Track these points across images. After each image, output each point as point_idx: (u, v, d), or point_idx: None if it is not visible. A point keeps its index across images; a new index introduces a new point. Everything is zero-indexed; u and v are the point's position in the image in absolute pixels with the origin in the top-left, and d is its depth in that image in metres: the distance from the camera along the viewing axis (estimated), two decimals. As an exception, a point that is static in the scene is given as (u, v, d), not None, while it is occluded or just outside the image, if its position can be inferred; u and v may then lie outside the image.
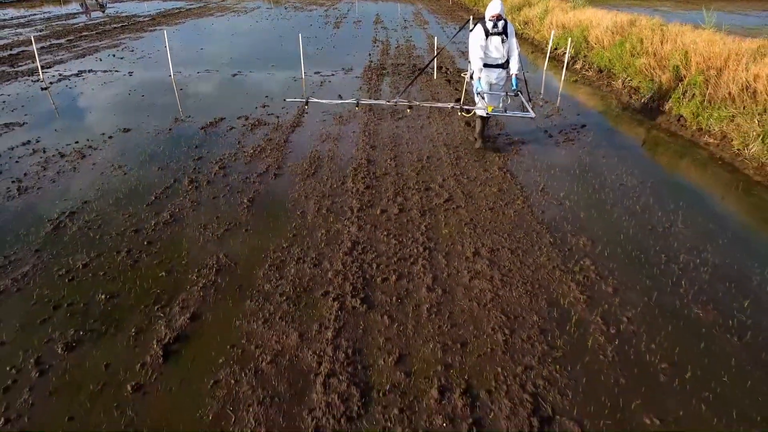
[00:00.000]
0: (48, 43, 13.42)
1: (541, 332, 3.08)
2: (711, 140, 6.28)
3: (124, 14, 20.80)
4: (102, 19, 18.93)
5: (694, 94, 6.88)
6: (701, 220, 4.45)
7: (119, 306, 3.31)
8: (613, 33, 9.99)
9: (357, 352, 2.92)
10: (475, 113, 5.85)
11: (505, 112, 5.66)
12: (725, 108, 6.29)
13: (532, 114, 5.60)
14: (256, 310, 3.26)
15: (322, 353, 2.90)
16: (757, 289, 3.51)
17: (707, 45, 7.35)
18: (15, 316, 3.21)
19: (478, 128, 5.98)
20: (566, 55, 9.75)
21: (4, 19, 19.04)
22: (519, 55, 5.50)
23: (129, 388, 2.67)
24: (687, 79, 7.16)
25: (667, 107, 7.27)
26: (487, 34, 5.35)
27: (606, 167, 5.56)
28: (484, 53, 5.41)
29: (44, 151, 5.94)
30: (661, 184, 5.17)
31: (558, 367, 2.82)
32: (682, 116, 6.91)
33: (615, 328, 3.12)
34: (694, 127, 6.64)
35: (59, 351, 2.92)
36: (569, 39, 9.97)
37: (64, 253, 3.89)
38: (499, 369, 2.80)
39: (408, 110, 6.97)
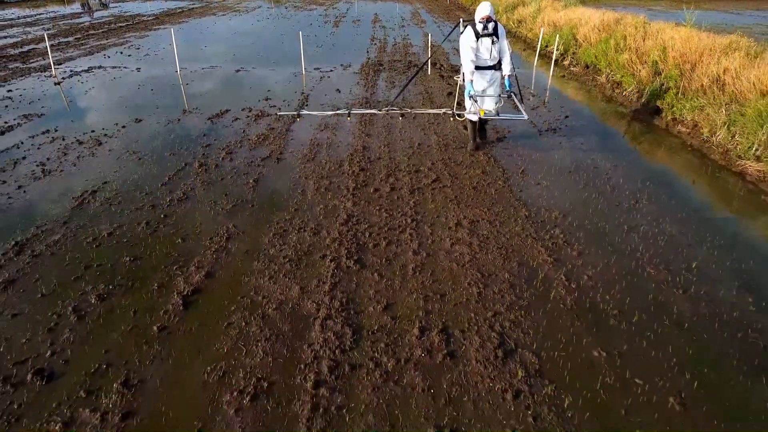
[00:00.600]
0: (57, 41, 13.88)
1: (511, 287, 3.54)
2: (683, 129, 6.74)
3: (128, 13, 21.27)
4: (107, 19, 19.39)
5: (669, 87, 7.33)
6: (665, 198, 4.91)
7: (142, 266, 3.77)
8: (599, 31, 10.45)
9: (350, 302, 3.38)
10: (467, 118, 5.88)
11: (498, 115, 5.68)
12: (697, 99, 6.75)
13: (524, 116, 5.68)
14: (263, 269, 3.72)
15: (320, 302, 3.36)
16: (706, 254, 3.97)
17: (684, 41, 7.81)
18: (52, 275, 3.67)
19: (470, 131, 5.99)
20: (554, 53, 10.20)
21: (12, 18, 19.51)
22: (511, 55, 5.51)
23: (155, 328, 3.13)
24: (664, 73, 7.63)
25: (645, 99, 7.73)
26: (478, 36, 5.32)
27: (582, 153, 6.02)
28: (475, 55, 5.38)
29: (63, 139, 6.40)
30: (632, 168, 5.63)
31: (523, 312, 3.28)
32: (658, 107, 7.37)
33: (575, 283, 3.58)
34: (669, 117, 7.10)
35: (93, 301, 3.38)
36: (557, 36, 10.42)
37: (90, 225, 4.35)
38: (472, 314, 3.26)
39: (400, 118, 6.92)
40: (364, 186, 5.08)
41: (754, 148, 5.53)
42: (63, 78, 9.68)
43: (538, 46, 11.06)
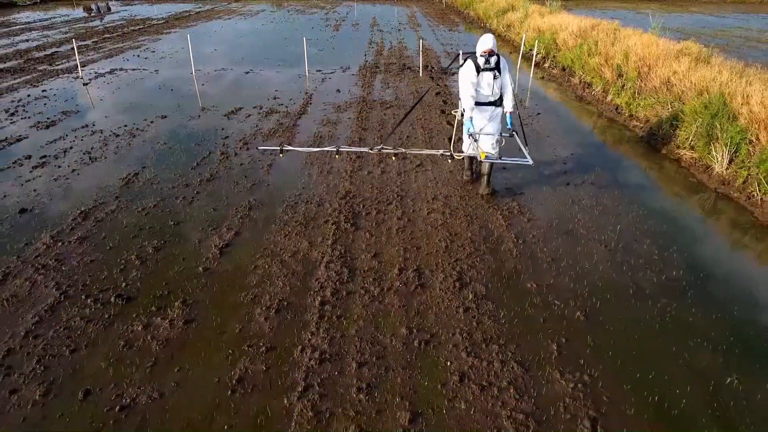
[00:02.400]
0: (79, 44, 14.90)
1: (471, 242, 4.57)
2: (637, 123, 7.77)
3: (138, 17, 22.30)
4: (120, 23, 20.43)
5: (629, 87, 8.37)
6: (609, 179, 5.94)
7: (184, 228, 4.80)
8: (576, 36, 11.48)
9: (347, 252, 4.41)
10: (466, 157, 5.58)
11: (500, 158, 5.24)
12: (649, 98, 7.78)
13: (529, 160, 5.14)
14: (279, 230, 4.75)
15: (324, 252, 4.39)
16: (630, 220, 5.00)
17: (644, 47, 8.85)
18: (114, 234, 4.70)
19: (466, 163, 5.72)
20: (534, 56, 11.23)
21: (28, 22, 20.55)
22: (513, 91, 5.22)
23: (200, 269, 4.16)
24: (625, 74, 8.66)
25: (609, 98, 8.76)
26: (479, 70, 4.97)
27: (546, 144, 7.05)
28: (476, 91, 5.02)
29: (101, 132, 7.44)
30: (587, 155, 6.67)
31: (478, 259, 4.31)
32: (618, 105, 8.40)
33: (522, 240, 4.61)
34: (627, 114, 8.13)
35: (150, 251, 4.42)
36: (536, 41, 11.45)
37: (137, 198, 5.38)
38: (440, 260, 4.29)
39: (393, 158, 6.26)
40: (360, 170, 6.11)
41: (689, 139, 6.56)
42: (89, 79, 10.71)
43: (521, 50, 12.09)
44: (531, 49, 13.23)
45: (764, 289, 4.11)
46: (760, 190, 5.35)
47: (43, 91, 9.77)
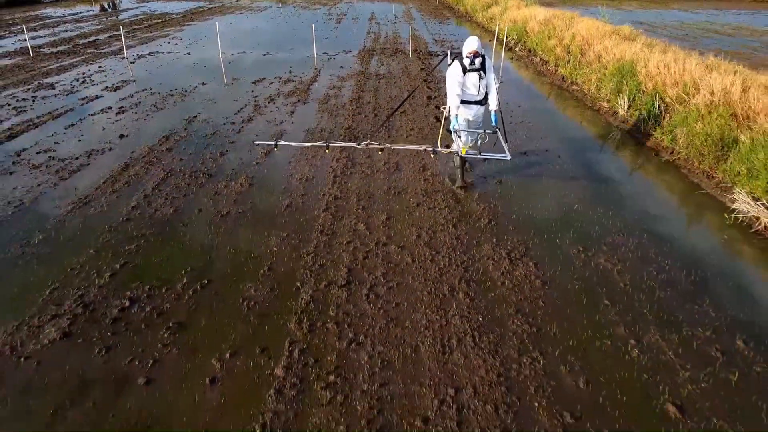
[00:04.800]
0: (111, 34, 17.08)
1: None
2: (575, 88, 9.94)
3: (157, 12, 24.47)
4: (142, 17, 22.59)
5: (572, 61, 10.54)
6: (546, 118, 8.10)
7: (237, 147, 6.95)
8: (541, 24, 13.65)
9: (349, 155, 6.56)
10: (452, 152, 5.74)
11: (480, 154, 5.48)
12: (586, 68, 9.95)
13: (508, 156, 5.30)
14: (299, 159, 6.90)
15: (330, 168, 6.54)
16: (555, 135, 7.15)
17: (588, 29, 11.01)
18: (189, 149, 6.85)
19: (457, 167, 5.83)
20: (505, 41, 13.39)
21: (60, 16, 22.71)
22: (498, 90, 5.43)
23: (254, 162, 6.31)
24: (571, 52, 10.83)
25: (559, 71, 10.93)
26: (465, 70, 5.22)
27: (506, 101, 9.20)
28: (462, 90, 5.28)
29: (159, 93, 9.60)
30: (535, 110, 8.82)
31: (437, 161, 6.46)
32: (564, 75, 10.57)
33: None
34: (569, 81, 10.31)
35: (218, 158, 6.56)
36: (506, 29, 13.62)
37: (200, 129, 7.54)
38: (411, 161, 6.44)
39: (379, 152, 6.50)
40: (359, 114, 8.28)
41: (606, 94, 8.73)
42: (134, 59, 12.88)
43: (497, 38, 14.27)
44: (508, 37, 15.42)
45: (613, 162, 6.28)
46: (645, 124, 7.51)
47: (100, 67, 11.93)
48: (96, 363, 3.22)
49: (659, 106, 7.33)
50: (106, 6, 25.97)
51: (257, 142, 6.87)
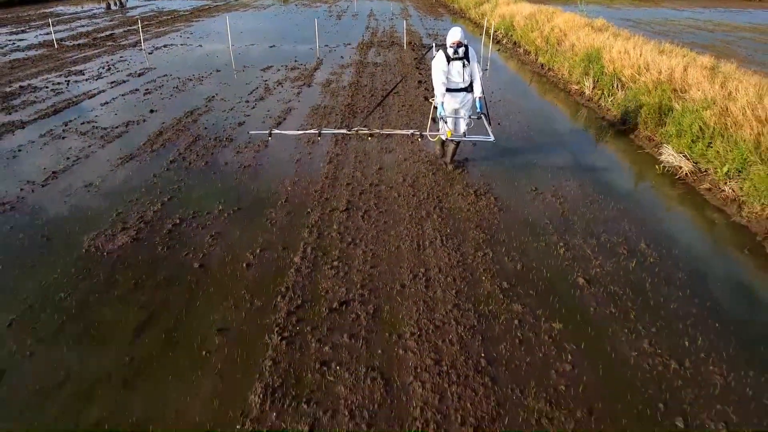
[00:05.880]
0: (125, 29, 18.20)
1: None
2: (552, 74, 11.08)
3: (165, 9, 25.60)
4: (152, 14, 23.73)
5: (550, 51, 11.67)
6: (525, 99, 9.23)
7: (252, 118, 8.08)
8: (526, 19, 14.78)
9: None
10: (439, 138, 6.06)
11: (464, 136, 5.79)
12: (561, 56, 11.08)
13: (491, 138, 5.64)
14: (307, 121, 8.03)
15: (334, 125, 7.67)
16: (530, 111, 8.28)
17: (565, 22, 12.15)
18: (211, 120, 7.98)
19: (448, 153, 6.14)
20: (492, 34, 14.52)
21: (74, 12, 23.85)
22: (481, 78, 5.67)
23: (267, 130, 7.44)
24: (549, 42, 11.96)
25: (539, 60, 12.06)
26: (449, 59, 5.45)
27: (491, 85, 10.33)
28: (447, 78, 5.51)
29: (178, 78, 10.74)
30: (515, 92, 9.96)
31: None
32: (543, 63, 11.71)
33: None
34: (547, 68, 11.45)
35: (235, 125, 7.69)
36: (493, 23, 14.76)
37: (218, 107, 8.67)
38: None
39: (369, 138, 6.94)
40: (358, 94, 9.42)
41: (576, 78, 9.87)
42: (151, 51, 14.01)
43: (486, 32, 15.41)
44: (497, 31, 16.57)
45: (573, 131, 7.41)
46: (605, 101, 8.65)
47: (121, 57, 13.07)
48: (161, 255, 4.35)
49: (617, 85, 8.46)
50: (111, 4, 27.06)
51: (252, 132, 7.23)
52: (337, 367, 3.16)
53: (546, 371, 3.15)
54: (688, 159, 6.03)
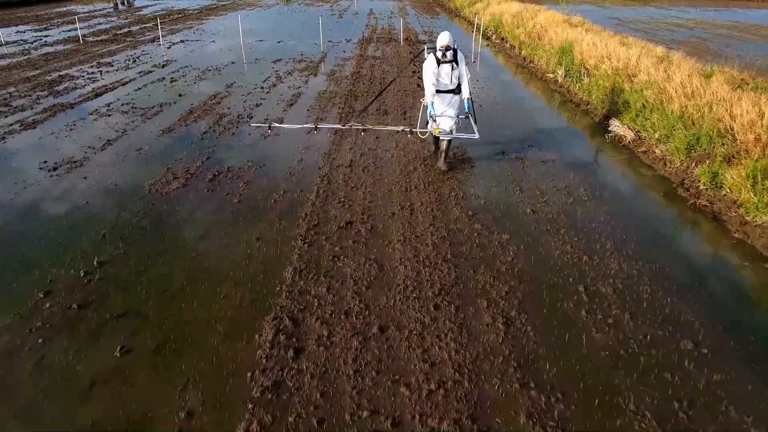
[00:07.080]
0: (141, 26, 19.49)
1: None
2: (532, 65, 12.36)
3: (176, 8, 26.89)
4: (162, 12, 25.02)
5: (531, 44, 12.95)
6: (508, 89, 10.51)
7: (270, 100, 9.36)
8: (513, 16, 16.08)
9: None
10: (430, 136, 6.42)
11: (452, 134, 6.08)
12: (541, 50, 12.37)
13: (477, 135, 6.06)
14: (316, 103, 9.31)
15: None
16: (510, 96, 9.57)
17: (546, 19, 13.43)
18: (231, 101, 9.27)
19: (441, 154, 6.36)
20: (481, 29, 15.81)
21: (90, 11, 25.14)
22: (469, 80, 5.95)
23: (279, 114, 8.71)
24: (531, 37, 13.25)
25: (522, 53, 13.35)
26: (439, 62, 5.74)
27: (479, 75, 11.63)
28: (437, 80, 5.83)
29: (199, 69, 12.03)
30: (497, 81, 11.24)
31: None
32: (525, 56, 13.00)
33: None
34: (528, 60, 12.73)
35: (255, 107, 8.98)
36: (482, 21, 16.06)
37: (237, 92, 9.96)
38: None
39: (362, 133, 7.53)
40: (359, 81, 10.70)
41: (551, 68, 11.15)
42: (170, 46, 15.30)
43: (474, 28, 16.70)
44: (487, 28, 17.86)
45: (545, 112, 8.69)
46: (573, 87, 9.94)
47: (143, 51, 14.35)
48: (207, 195, 5.63)
49: (584, 72, 9.75)
50: (119, 3, 28.33)
51: (252, 124, 7.95)
52: (345, 258, 4.44)
53: (493, 261, 4.43)
54: (630, 129, 7.32)
